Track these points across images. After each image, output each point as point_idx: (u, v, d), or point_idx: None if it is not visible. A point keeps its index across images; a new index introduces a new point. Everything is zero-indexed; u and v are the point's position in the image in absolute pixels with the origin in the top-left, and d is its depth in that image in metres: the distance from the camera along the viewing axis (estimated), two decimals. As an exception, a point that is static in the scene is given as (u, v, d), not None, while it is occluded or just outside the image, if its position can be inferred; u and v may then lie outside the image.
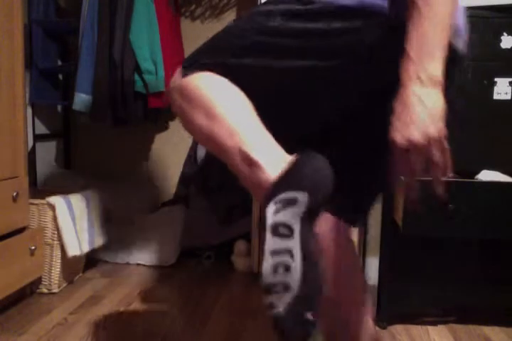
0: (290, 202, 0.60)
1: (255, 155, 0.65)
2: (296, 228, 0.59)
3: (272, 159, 0.65)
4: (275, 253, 0.58)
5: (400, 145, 0.65)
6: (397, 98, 0.67)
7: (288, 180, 0.61)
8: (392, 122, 0.66)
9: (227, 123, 0.68)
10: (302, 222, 0.59)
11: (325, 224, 0.85)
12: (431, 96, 0.64)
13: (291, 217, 0.59)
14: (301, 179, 0.60)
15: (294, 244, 0.58)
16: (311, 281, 0.58)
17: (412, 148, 0.64)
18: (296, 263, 0.58)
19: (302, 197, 0.59)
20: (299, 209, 0.59)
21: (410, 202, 0.68)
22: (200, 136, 0.74)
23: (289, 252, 0.58)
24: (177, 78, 0.79)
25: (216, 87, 0.73)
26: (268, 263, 0.59)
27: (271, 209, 0.61)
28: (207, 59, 0.78)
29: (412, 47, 0.65)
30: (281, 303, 0.57)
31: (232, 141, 0.67)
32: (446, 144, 0.65)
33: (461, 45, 0.78)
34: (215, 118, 0.69)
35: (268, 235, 0.60)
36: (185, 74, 0.77)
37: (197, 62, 0.78)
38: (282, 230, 0.59)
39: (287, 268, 0.58)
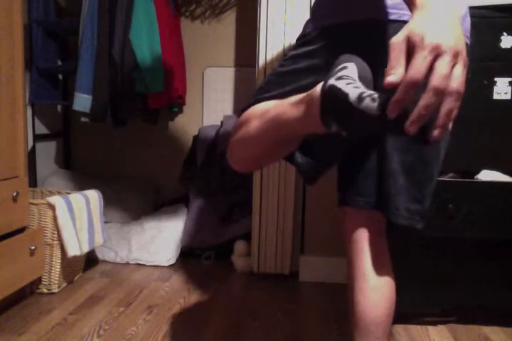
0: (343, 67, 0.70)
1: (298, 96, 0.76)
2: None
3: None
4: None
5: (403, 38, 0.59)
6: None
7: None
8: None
9: (273, 106, 0.82)
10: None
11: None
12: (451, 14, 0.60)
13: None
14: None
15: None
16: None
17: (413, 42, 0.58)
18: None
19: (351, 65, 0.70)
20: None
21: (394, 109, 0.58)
22: (258, 132, 0.83)
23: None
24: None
25: (260, 105, 0.87)
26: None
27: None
28: (259, 95, 0.92)
29: None
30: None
31: (281, 107, 0.79)
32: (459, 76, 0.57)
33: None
34: (265, 112, 0.82)
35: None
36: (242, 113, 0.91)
37: (252, 101, 0.92)
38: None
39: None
